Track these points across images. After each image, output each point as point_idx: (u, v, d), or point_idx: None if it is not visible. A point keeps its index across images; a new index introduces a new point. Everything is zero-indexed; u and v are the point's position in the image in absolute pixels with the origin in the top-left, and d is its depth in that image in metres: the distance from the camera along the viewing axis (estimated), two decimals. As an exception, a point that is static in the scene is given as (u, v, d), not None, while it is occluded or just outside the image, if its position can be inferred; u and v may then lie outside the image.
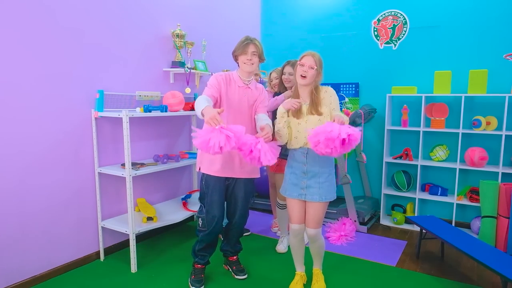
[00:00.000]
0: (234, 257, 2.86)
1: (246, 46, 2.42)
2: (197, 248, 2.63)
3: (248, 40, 2.45)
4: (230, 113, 2.47)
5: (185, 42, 3.54)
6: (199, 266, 2.65)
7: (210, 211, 2.53)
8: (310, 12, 4.59)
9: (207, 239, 2.59)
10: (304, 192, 2.35)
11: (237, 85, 2.51)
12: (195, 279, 2.61)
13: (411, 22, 3.98)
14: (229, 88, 2.49)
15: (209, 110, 2.06)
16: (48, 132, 2.61)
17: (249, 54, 2.43)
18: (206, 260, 2.67)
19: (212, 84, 2.45)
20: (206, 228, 2.56)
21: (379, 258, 3.12)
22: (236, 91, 2.51)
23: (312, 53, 2.33)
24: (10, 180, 2.42)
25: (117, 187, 3.12)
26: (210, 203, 2.53)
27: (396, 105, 4.07)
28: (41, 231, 2.62)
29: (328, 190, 2.35)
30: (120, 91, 3.08)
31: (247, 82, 2.54)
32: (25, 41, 2.44)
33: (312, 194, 2.33)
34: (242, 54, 2.44)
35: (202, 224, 2.60)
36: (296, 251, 2.55)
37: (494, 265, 2.36)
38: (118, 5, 3.03)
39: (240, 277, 2.76)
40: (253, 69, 2.49)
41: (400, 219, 3.87)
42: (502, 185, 3.25)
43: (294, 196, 2.38)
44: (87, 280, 2.69)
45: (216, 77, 2.48)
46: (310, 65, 2.29)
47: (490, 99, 3.64)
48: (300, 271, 2.60)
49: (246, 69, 2.46)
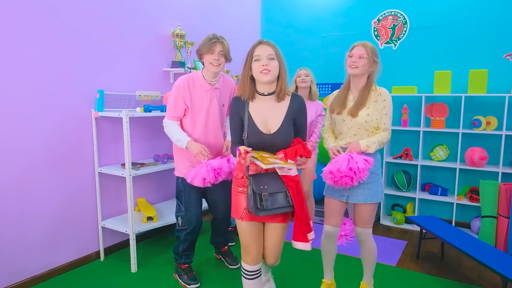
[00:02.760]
0: (226, 248, 2.92)
1: (213, 44, 2.29)
2: (181, 249, 2.59)
3: (215, 39, 2.32)
4: (200, 120, 2.41)
5: (185, 42, 3.54)
6: (185, 266, 2.64)
7: (190, 209, 2.50)
8: (310, 12, 4.59)
9: (190, 237, 2.56)
10: (346, 193, 2.18)
11: (203, 89, 2.39)
12: (189, 278, 2.60)
13: (411, 22, 3.98)
14: (194, 94, 2.38)
15: (194, 145, 2.30)
16: (48, 132, 2.61)
17: (216, 53, 2.31)
18: (191, 258, 2.67)
19: (174, 101, 2.37)
20: (187, 226, 2.53)
21: (379, 258, 3.09)
22: (204, 96, 2.39)
23: (363, 43, 2.14)
24: (10, 180, 2.42)
25: (117, 187, 3.12)
26: (188, 201, 2.50)
27: (396, 105, 4.06)
28: (41, 231, 2.62)
29: (374, 191, 2.17)
30: (120, 91, 3.07)
31: (213, 82, 2.42)
32: (25, 41, 2.44)
33: (356, 195, 2.17)
34: (208, 53, 2.31)
35: (182, 223, 2.56)
36: (326, 255, 2.38)
37: (494, 265, 2.36)
38: (118, 5, 3.03)
39: (234, 267, 2.84)
40: (219, 70, 2.38)
41: (400, 219, 3.87)
42: (502, 185, 3.24)
43: (335, 196, 2.23)
44: (87, 280, 2.69)
45: (178, 87, 2.37)
46: (360, 55, 2.09)
47: (490, 99, 3.64)
48: (328, 280, 2.43)
49: (212, 69, 2.34)
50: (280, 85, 1.85)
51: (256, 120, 1.86)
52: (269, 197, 1.75)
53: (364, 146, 2.10)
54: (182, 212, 2.56)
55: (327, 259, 2.39)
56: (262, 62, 1.78)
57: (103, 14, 2.91)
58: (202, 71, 2.43)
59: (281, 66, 1.84)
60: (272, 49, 1.81)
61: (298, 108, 1.90)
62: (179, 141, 2.36)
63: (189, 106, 2.39)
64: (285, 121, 1.86)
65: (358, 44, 2.16)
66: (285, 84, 1.87)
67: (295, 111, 1.89)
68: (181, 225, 2.57)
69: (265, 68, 1.77)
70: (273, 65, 1.80)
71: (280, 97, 1.87)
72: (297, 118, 1.91)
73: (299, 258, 3.01)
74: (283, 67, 1.85)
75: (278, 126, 1.86)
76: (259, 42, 1.84)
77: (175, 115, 2.41)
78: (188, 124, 2.45)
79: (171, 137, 2.41)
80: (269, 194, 1.76)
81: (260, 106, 1.88)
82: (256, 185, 1.77)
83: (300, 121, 1.92)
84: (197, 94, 2.39)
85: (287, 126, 1.87)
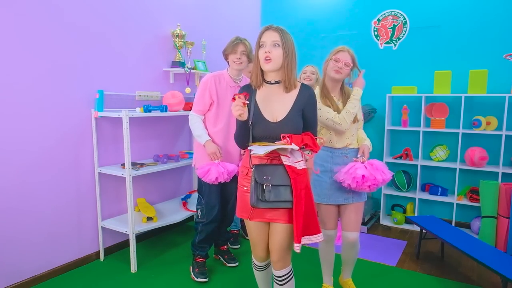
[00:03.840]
0: (225, 246, 3.02)
1: (236, 45, 2.53)
2: (198, 240, 2.72)
3: (238, 40, 2.54)
4: (224, 116, 2.59)
5: (185, 42, 3.54)
6: (200, 260, 2.74)
7: (209, 201, 2.64)
8: (310, 12, 4.59)
9: (207, 228, 2.69)
10: (350, 194, 2.21)
11: (228, 86, 2.60)
12: (199, 272, 2.69)
13: (411, 22, 3.98)
14: (220, 89, 2.58)
15: (211, 145, 2.52)
16: (48, 132, 2.61)
17: (239, 53, 2.52)
18: (206, 252, 2.76)
19: (201, 95, 2.57)
20: (205, 218, 2.68)
21: (379, 258, 3.12)
22: (229, 92, 2.59)
23: (347, 49, 2.18)
24: (10, 180, 2.42)
25: (117, 187, 3.12)
26: (209, 193, 2.64)
27: (396, 105, 4.07)
28: (41, 231, 2.61)
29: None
30: (120, 91, 3.07)
31: (237, 80, 2.63)
32: (25, 42, 2.43)
33: (360, 194, 2.24)
34: (232, 53, 2.54)
35: (201, 215, 2.73)
36: (325, 260, 2.40)
37: (494, 265, 2.36)
38: (118, 5, 3.02)
39: (232, 265, 2.92)
40: (242, 68, 2.58)
41: (400, 219, 3.87)
42: (502, 185, 3.24)
43: (339, 201, 2.22)
44: (87, 280, 2.69)
45: (205, 83, 2.57)
46: (346, 63, 2.13)
47: (490, 99, 3.64)
48: (327, 284, 2.47)
49: (235, 67, 2.56)
50: (285, 74, 1.74)
51: (262, 108, 1.76)
52: (272, 189, 1.66)
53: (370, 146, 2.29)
54: (202, 204, 2.71)
55: (326, 264, 2.42)
56: (265, 49, 1.69)
57: (103, 14, 2.91)
58: (227, 70, 2.63)
59: (288, 55, 1.72)
60: (278, 35, 1.70)
61: (307, 99, 1.78)
62: (199, 137, 2.57)
63: (215, 101, 2.57)
64: (292, 110, 1.75)
65: (343, 49, 2.17)
66: (290, 74, 1.74)
67: (303, 102, 1.77)
68: (200, 217, 2.74)
69: (267, 56, 1.70)
70: (275, 53, 1.69)
71: (286, 86, 1.76)
72: (306, 110, 1.79)
73: (299, 259, 3.01)
74: (290, 55, 1.73)
75: (284, 114, 1.74)
76: (266, 27, 1.75)
77: (200, 109, 2.60)
78: (212, 118, 2.60)
79: (193, 131, 2.62)
80: (272, 186, 1.67)
81: (267, 94, 1.79)
82: (259, 175, 1.68)
83: (309, 114, 1.80)
84: (222, 89, 2.58)
85: (295, 116, 1.75)
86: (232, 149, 2.63)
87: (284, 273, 1.83)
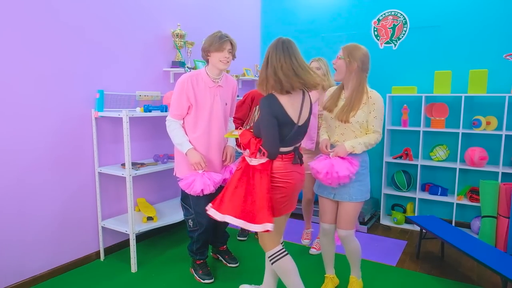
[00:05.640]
0: (224, 247, 2.96)
1: (224, 43, 2.33)
2: (195, 248, 2.65)
3: (225, 37, 2.35)
4: (204, 120, 2.40)
5: (185, 42, 3.54)
6: (201, 261, 2.70)
7: (199, 211, 2.47)
8: (310, 12, 4.59)
9: (203, 237, 2.59)
10: (334, 191, 2.27)
11: (207, 86, 2.40)
12: (204, 273, 2.65)
13: (411, 22, 3.98)
14: (198, 90, 2.38)
15: (194, 154, 2.33)
16: (48, 131, 2.61)
17: (226, 51, 2.35)
18: (206, 254, 2.72)
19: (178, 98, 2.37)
20: (198, 227, 2.56)
21: (379, 258, 3.12)
22: (207, 93, 2.40)
23: (344, 45, 2.21)
24: (10, 180, 2.42)
25: (117, 187, 3.12)
26: (197, 203, 2.47)
27: (396, 105, 4.07)
28: (41, 231, 2.62)
29: (359, 190, 2.24)
30: (120, 91, 3.08)
31: (217, 80, 2.44)
32: (25, 42, 2.44)
33: (342, 194, 2.25)
34: (218, 51, 2.33)
35: (193, 225, 2.60)
36: (325, 252, 2.49)
37: (494, 265, 2.36)
38: (118, 5, 3.03)
39: (233, 265, 2.88)
40: (227, 67, 2.43)
41: (400, 219, 3.87)
42: (502, 185, 3.24)
43: (324, 194, 2.33)
44: (87, 280, 2.69)
45: (181, 84, 2.36)
46: (338, 56, 2.18)
47: (490, 99, 3.64)
48: (330, 274, 2.55)
49: (221, 67, 2.37)
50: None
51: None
52: None
53: (350, 147, 2.18)
54: (191, 214, 2.59)
55: (326, 255, 2.50)
56: None
57: (103, 14, 2.91)
58: (205, 68, 2.44)
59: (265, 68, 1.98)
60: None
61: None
62: (180, 145, 2.37)
63: (193, 103, 2.38)
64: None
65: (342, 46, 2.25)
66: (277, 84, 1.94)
67: None
68: (192, 226, 2.61)
69: None
70: None
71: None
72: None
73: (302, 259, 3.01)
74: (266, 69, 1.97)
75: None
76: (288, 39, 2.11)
77: (178, 113, 2.41)
78: (191, 122, 2.43)
79: (173, 139, 2.41)
80: None
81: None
82: None
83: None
84: (200, 91, 2.39)
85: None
86: (213, 157, 2.47)
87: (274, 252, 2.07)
